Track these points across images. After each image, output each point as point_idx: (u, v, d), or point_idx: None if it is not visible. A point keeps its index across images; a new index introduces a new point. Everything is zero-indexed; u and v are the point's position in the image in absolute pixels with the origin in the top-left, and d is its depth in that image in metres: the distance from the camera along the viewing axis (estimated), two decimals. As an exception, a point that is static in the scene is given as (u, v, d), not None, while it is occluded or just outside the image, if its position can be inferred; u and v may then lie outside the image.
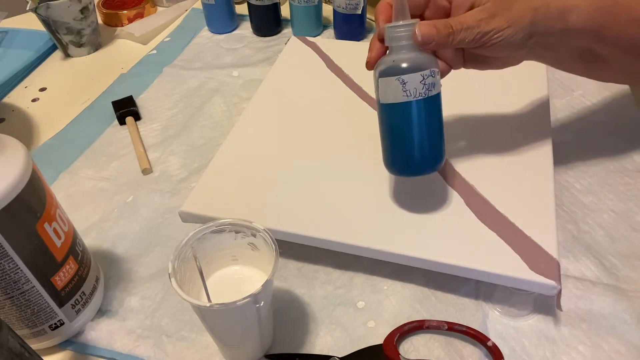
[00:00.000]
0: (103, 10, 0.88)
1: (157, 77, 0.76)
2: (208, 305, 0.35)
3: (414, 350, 0.43)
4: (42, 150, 0.65)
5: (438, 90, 0.41)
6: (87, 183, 0.60)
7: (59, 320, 0.43)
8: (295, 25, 0.82)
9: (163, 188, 0.58)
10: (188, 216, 0.48)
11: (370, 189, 0.49)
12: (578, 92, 0.67)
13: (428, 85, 0.40)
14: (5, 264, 0.37)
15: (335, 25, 0.80)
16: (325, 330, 0.45)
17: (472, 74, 0.57)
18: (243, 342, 0.41)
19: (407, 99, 0.40)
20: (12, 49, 0.83)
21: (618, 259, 0.48)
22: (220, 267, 0.42)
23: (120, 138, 0.66)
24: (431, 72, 0.40)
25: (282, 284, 0.48)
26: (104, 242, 0.53)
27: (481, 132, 0.54)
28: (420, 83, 0.40)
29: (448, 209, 0.47)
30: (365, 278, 0.48)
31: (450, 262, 0.43)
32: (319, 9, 0.81)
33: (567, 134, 0.61)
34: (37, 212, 0.38)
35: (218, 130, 0.66)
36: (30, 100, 0.74)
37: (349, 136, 0.55)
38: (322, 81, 0.63)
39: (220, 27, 0.85)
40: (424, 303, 0.46)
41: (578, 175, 0.56)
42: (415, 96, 0.40)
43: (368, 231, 0.45)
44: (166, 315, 0.46)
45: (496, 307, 0.45)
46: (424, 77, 0.40)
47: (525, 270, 0.41)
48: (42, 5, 0.74)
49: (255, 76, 0.74)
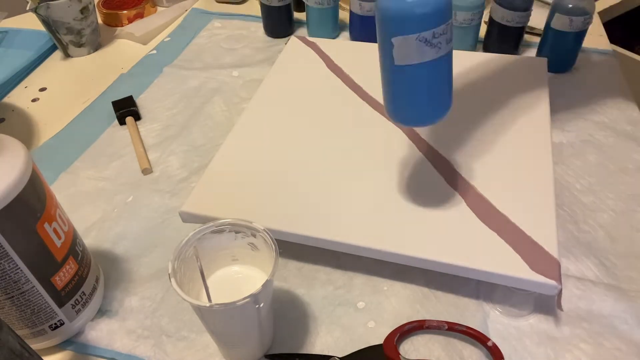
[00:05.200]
0: (103, 10, 0.88)
1: (157, 77, 0.76)
2: (208, 306, 0.34)
3: (414, 350, 0.43)
4: (42, 150, 0.65)
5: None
6: (87, 183, 0.60)
7: (59, 320, 0.43)
8: (311, 27, 0.81)
9: (163, 188, 0.58)
10: (188, 216, 0.48)
11: (370, 189, 0.49)
12: (578, 92, 0.67)
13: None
14: (5, 264, 0.37)
15: (351, 28, 0.79)
16: (325, 330, 0.45)
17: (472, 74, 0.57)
18: (243, 342, 0.41)
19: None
20: (12, 49, 0.83)
21: (618, 258, 0.48)
22: (220, 267, 0.42)
23: (120, 138, 0.66)
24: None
25: (282, 284, 0.48)
26: (104, 242, 0.53)
27: (481, 132, 0.54)
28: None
29: (448, 209, 0.47)
30: (365, 278, 0.48)
31: (451, 262, 0.43)
32: (336, 11, 0.79)
33: (567, 134, 0.61)
34: (37, 212, 0.38)
35: (218, 130, 0.66)
36: (30, 100, 0.74)
37: (349, 136, 0.55)
38: (322, 81, 0.63)
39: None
40: (424, 303, 0.46)
41: (578, 175, 0.56)
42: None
43: (368, 231, 0.45)
44: (166, 315, 0.46)
45: (497, 307, 0.45)
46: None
47: (526, 270, 0.41)
48: (42, 5, 0.74)
49: (255, 76, 0.74)
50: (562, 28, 0.66)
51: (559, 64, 0.70)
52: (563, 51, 0.69)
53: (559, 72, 0.70)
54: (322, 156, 0.53)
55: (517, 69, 0.63)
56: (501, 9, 0.69)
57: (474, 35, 0.73)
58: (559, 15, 0.66)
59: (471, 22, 0.70)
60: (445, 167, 0.51)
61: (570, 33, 0.66)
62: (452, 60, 0.40)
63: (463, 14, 0.69)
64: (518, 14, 0.68)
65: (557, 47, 0.69)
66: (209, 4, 0.93)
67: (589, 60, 0.73)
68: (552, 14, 0.67)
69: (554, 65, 0.68)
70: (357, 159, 0.52)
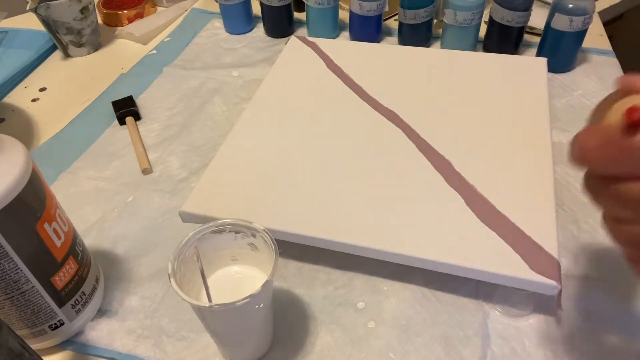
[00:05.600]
0: (103, 10, 0.88)
1: (157, 77, 0.76)
2: (207, 306, 0.34)
3: (414, 350, 0.43)
4: (42, 150, 0.65)
5: None
6: (87, 183, 0.60)
7: (59, 320, 0.43)
8: (311, 27, 0.80)
9: (163, 188, 0.58)
10: (188, 216, 0.48)
11: (370, 189, 0.49)
12: (578, 92, 0.67)
13: None
14: (5, 264, 0.37)
15: (351, 28, 0.79)
16: (325, 330, 0.45)
17: (472, 74, 0.57)
18: (243, 342, 0.41)
19: None
20: (12, 49, 0.83)
21: (618, 258, 0.48)
22: (220, 267, 0.42)
23: (120, 138, 0.66)
24: None
25: (282, 284, 0.48)
26: (104, 242, 0.53)
27: (481, 132, 0.54)
28: None
29: (448, 209, 0.47)
30: (365, 278, 0.48)
31: (451, 262, 0.43)
32: (336, 11, 0.79)
33: (567, 134, 0.61)
34: (37, 212, 0.38)
35: (218, 130, 0.66)
36: (30, 100, 0.74)
37: (349, 136, 0.55)
38: (322, 81, 0.63)
39: (238, 28, 0.84)
40: (424, 303, 0.46)
41: (578, 175, 0.56)
42: None
43: (368, 231, 0.45)
44: (166, 315, 0.46)
45: (497, 307, 0.45)
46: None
47: (526, 270, 0.41)
48: (42, 5, 0.74)
49: (255, 76, 0.74)
50: (562, 28, 0.66)
51: (559, 64, 0.70)
52: (563, 51, 0.69)
53: (559, 72, 0.70)
54: (322, 156, 0.53)
55: (517, 69, 0.63)
56: (501, 8, 0.69)
57: (474, 35, 0.73)
58: (559, 15, 0.66)
59: (471, 22, 0.70)
60: (445, 167, 0.51)
61: (570, 33, 0.66)
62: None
63: (463, 14, 0.69)
64: (518, 13, 0.68)
65: (557, 47, 0.69)
66: (209, 4, 0.93)
67: (589, 60, 0.73)
68: (552, 14, 0.67)
69: (554, 65, 0.68)
70: (357, 159, 0.52)
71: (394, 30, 0.81)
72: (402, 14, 0.74)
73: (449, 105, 0.58)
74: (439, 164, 0.51)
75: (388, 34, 0.81)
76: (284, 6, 0.80)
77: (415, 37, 0.75)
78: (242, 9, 0.82)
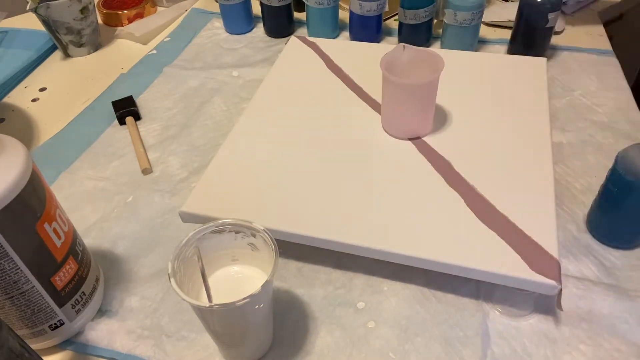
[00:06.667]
0: (103, 10, 0.88)
1: (157, 77, 0.76)
2: (207, 306, 0.34)
3: (414, 350, 0.43)
4: (42, 150, 0.65)
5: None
6: (87, 183, 0.60)
7: (59, 320, 0.43)
8: (311, 27, 0.81)
9: (163, 188, 0.58)
10: (188, 216, 0.48)
11: (370, 189, 0.49)
12: (578, 92, 0.67)
13: None
14: (5, 264, 0.37)
15: (351, 28, 0.79)
16: (325, 330, 0.45)
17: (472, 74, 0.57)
18: (243, 342, 0.41)
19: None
20: (12, 49, 0.83)
21: (618, 258, 0.48)
22: (220, 267, 0.42)
23: (120, 138, 0.66)
24: None
25: (282, 284, 0.48)
26: (104, 242, 0.53)
27: (481, 133, 0.54)
28: None
29: (448, 209, 0.47)
30: (365, 278, 0.48)
31: (451, 262, 0.43)
32: (336, 11, 0.79)
33: (567, 134, 0.61)
34: (37, 212, 0.38)
35: (218, 130, 0.66)
36: (30, 100, 0.74)
37: (349, 136, 0.55)
38: (322, 81, 0.63)
39: (238, 28, 0.84)
40: (424, 303, 0.46)
41: (578, 175, 0.56)
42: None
43: (368, 231, 0.45)
44: (166, 315, 0.46)
45: (497, 307, 0.45)
46: None
47: (526, 270, 0.41)
48: (42, 5, 0.74)
49: (255, 76, 0.74)
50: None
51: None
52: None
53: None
54: (322, 156, 0.53)
55: (517, 69, 0.63)
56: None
57: (474, 35, 0.73)
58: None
59: (471, 22, 0.70)
60: (445, 167, 0.51)
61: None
62: None
63: (463, 14, 0.69)
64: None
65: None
66: (209, 4, 0.93)
67: (589, 60, 0.73)
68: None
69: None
70: (357, 159, 0.52)
71: (394, 30, 0.81)
72: (402, 14, 0.74)
73: (449, 106, 0.58)
74: (439, 164, 0.51)
75: (388, 34, 0.81)
76: (284, 6, 0.80)
77: (415, 37, 0.75)
78: (242, 9, 0.82)
